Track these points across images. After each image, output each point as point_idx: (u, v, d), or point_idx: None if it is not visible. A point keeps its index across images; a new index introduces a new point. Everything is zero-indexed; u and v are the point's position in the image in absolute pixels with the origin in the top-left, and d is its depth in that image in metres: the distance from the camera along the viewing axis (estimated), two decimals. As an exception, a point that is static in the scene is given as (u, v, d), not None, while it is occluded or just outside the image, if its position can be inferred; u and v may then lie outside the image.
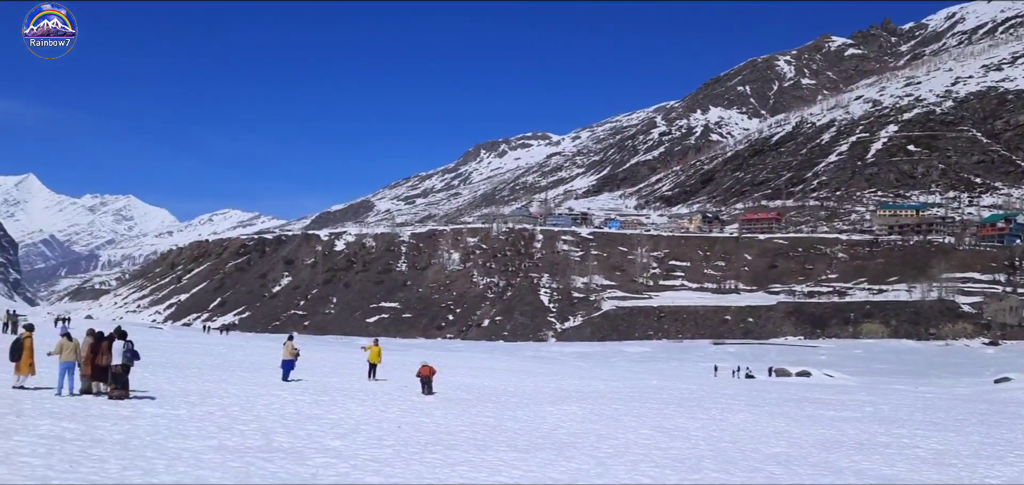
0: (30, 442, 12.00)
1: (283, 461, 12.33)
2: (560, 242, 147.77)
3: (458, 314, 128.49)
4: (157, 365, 29.16)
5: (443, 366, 40.93)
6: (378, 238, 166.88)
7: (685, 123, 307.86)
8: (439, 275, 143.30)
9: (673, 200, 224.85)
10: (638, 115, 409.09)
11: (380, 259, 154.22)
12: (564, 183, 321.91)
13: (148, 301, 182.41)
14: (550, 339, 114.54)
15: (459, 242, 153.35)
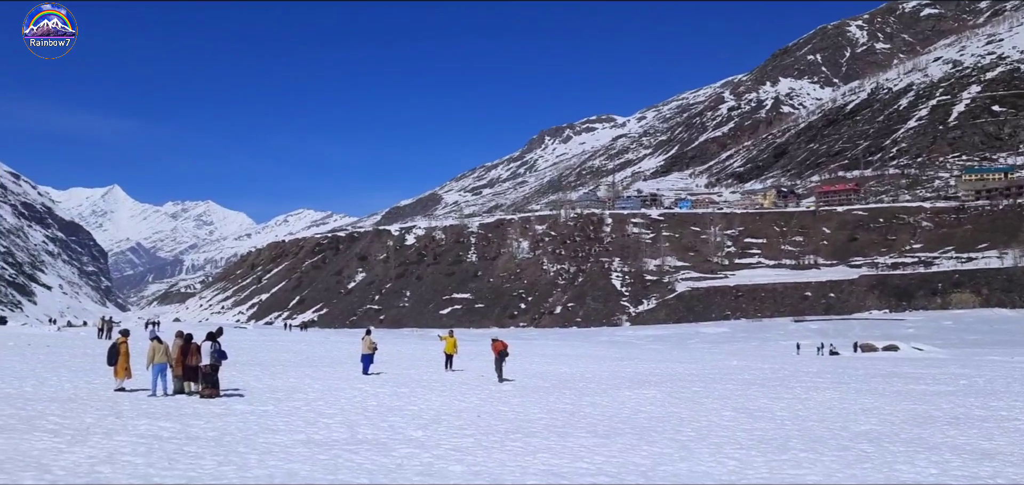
0: (131, 441, 12.56)
1: (368, 452, 12.58)
2: (630, 225, 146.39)
3: (530, 302, 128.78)
4: (243, 364, 30.16)
5: (517, 354, 41.13)
6: (447, 230, 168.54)
7: (754, 96, 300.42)
8: (509, 264, 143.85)
9: (745, 176, 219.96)
10: (705, 91, 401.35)
11: (450, 251, 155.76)
12: (631, 165, 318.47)
13: (231, 302, 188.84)
14: (624, 323, 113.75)
15: (527, 230, 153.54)
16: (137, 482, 9.92)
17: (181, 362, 19.48)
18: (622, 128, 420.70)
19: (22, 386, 20.16)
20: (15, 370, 24.40)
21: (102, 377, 22.20)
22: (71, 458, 11.03)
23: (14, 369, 24.75)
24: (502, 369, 26.33)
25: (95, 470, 10.40)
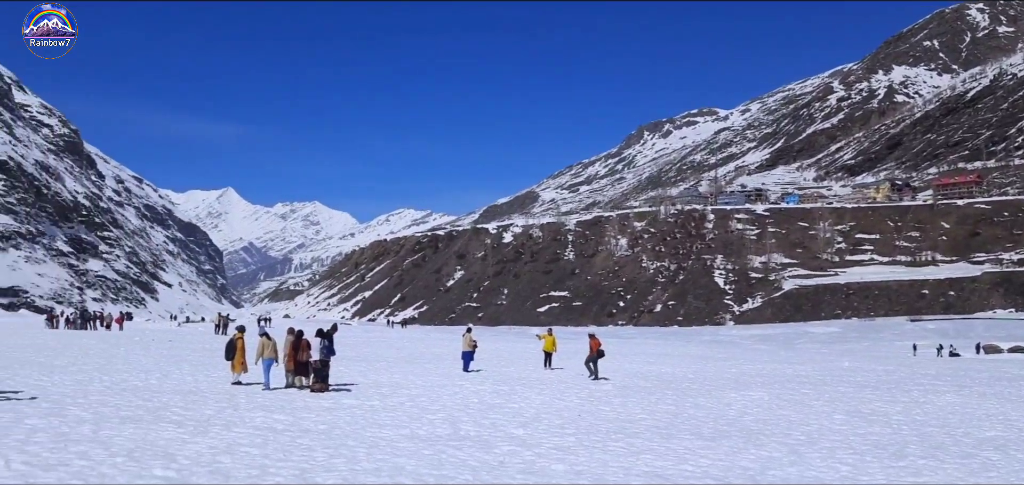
0: (248, 433, 13.16)
1: (471, 449, 12.73)
2: (733, 221, 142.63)
3: (629, 300, 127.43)
4: (350, 359, 31.11)
5: (616, 354, 40.78)
6: (544, 228, 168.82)
7: (866, 86, 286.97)
8: (607, 261, 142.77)
9: (856, 169, 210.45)
10: (812, 82, 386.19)
11: (547, 248, 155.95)
12: (734, 159, 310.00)
13: (336, 299, 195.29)
14: (728, 322, 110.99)
15: (626, 227, 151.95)
16: (255, 473, 10.37)
17: (292, 357, 20.29)
18: (724, 121, 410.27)
19: (148, 379, 21.45)
20: (141, 364, 26.00)
21: (220, 371, 23.37)
22: (194, 448, 11.65)
23: (140, 363, 26.38)
24: (597, 367, 26.20)
25: (216, 460, 10.94)
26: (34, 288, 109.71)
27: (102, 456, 10.76)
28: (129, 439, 12.07)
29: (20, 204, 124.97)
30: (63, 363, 24.92)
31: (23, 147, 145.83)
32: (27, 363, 23.57)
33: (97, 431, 12.65)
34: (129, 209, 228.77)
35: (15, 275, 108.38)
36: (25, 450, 10.82)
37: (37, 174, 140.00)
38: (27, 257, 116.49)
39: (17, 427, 12.61)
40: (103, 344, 36.27)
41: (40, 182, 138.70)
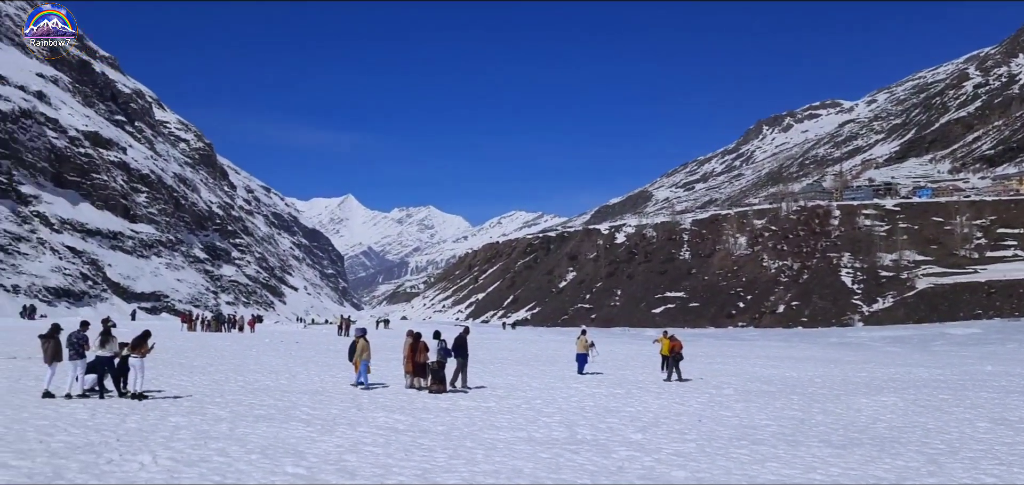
0: (371, 432, 13.57)
1: (589, 453, 12.63)
2: (861, 217, 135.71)
3: (749, 301, 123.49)
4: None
5: (736, 356, 39.59)
6: (658, 227, 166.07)
7: (1005, 71, 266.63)
8: (725, 261, 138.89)
9: (997, 160, 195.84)
10: (945, 68, 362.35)
11: (662, 248, 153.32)
12: (860, 153, 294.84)
13: (451, 301, 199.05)
14: (856, 323, 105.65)
15: (745, 225, 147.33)
16: (379, 472, 10.67)
17: (411, 359, 20.80)
18: (849, 113, 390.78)
19: (278, 379, 22.51)
20: (271, 365, 27.32)
21: (344, 372, 24.24)
22: (322, 447, 12.11)
23: (270, 364, 27.73)
24: (678, 369, 25.56)
25: (342, 458, 11.33)
26: (174, 292, 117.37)
27: (239, 453, 11.36)
28: (263, 437, 12.69)
29: (161, 214, 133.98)
30: (201, 364, 26.50)
31: (163, 161, 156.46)
32: (169, 364, 25.20)
33: (233, 429, 13.36)
34: (258, 217, 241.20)
35: (157, 280, 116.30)
36: (170, 447, 11.56)
37: (176, 186, 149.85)
38: (167, 264, 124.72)
39: (162, 424, 13.50)
40: (236, 345, 38.34)
41: (178, 193, 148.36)
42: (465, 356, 21.33)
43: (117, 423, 13.38)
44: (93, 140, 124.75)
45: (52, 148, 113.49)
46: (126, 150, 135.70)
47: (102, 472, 9.85)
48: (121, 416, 14.12)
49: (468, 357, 21.66)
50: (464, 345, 21.32)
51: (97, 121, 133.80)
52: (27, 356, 24.97)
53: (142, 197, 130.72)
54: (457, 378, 21.09)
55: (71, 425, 12.95)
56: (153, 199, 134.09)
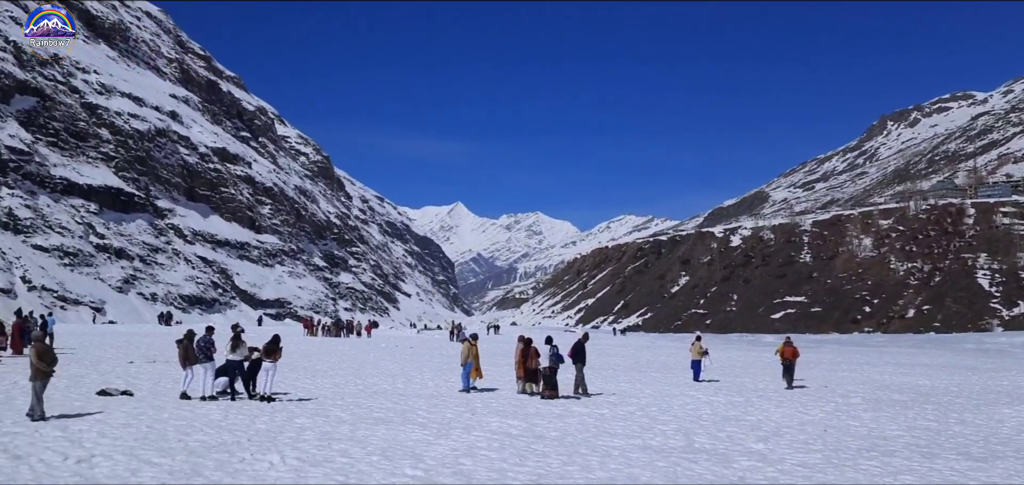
0: (486, 437, 13.67)
1: (707, 462, 12.27)
2: (998, 215, 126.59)
3: (875, 305, 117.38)
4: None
5: (863, 363, 37.65)
6: (776, 229, 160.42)
7: None
8: (849, 263, 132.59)
9: None
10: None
11: (780, 251, 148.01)
12: (996, 146, 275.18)
13: (560, 307, 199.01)
14: (995, 329, 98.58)
15: (869, 226, 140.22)
16: (495, 476, 10.72)
17: (523, 364, 20.87)
18: (983, 105, 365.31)
19: (395, 383, 23.08)
20: (388, 369, 28.06)
21: (457, 376, 24.58)
22: (438, 450, 12.29)
23: (387, 368, 28.48)
24: (791, 376, 24.46)
25: (458, 462, 11.46)
26: (296, 299, 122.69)
27: (360, 454, 11.69)
28: (382, 439, 13.02)
29: (283, 225, 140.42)
30: (323, 368, 27.52)
31: (285, 174, 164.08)
32: (294, 367, 26.28)
33: (354, 431, 13.77)
34: (373, 226, 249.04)
35: (281, 288, 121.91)
36: (297, 447, 12.02)
37: (296, 198, 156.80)
38: (290, 272, 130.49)
39: (289, 426, 14.07)
40: (355, 350, 39.64)
41: (299, 205, 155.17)
42: (583, 362, 21.02)
43: (248, 424, 14.05)
44: (221, 156, 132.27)
45: (185, 164, 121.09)
46: (251, 165, 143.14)
47: (235, 470, 10.34)
48: (251, 417, 14.82)
49: (585, 363, 21.31)
50: (582, 351, 21.01)
51: (224, 138, 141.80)
52: (165, 360, 26.64)
53: (266, 209, 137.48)
54: (578, 384, 20.82)
55: (206, 425, 13.68)
56: (276, 210, 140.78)
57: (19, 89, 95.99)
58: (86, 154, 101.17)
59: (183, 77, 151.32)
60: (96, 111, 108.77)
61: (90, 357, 27.58)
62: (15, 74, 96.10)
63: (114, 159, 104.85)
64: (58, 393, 17.67)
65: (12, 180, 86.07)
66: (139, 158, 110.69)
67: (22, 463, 10.13)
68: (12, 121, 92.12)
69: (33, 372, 13.98)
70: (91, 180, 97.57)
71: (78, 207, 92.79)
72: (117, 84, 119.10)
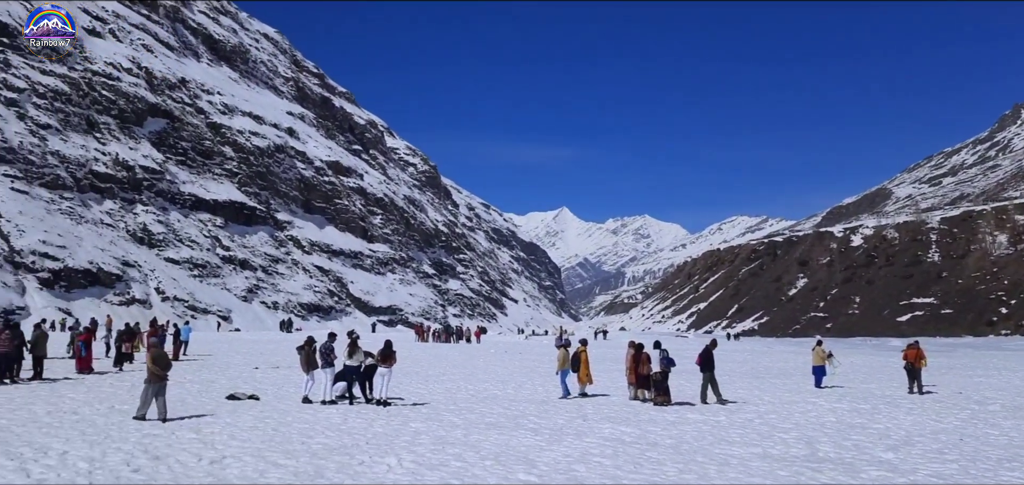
0: (598, 443, 13.53)
1: (833, 472, 11.72)
2: None
3: (1013, 306, 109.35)
4: (690, 373, 30.72)
5: (1001, 367, 35.16)
6: (900, 228, 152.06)
7: None
8: (982, 262, 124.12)
9: None
10: None
11: (905, 251, 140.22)
12: None
13: (670, 311, 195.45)
14: None
15: (1005, 222, 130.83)
16: (608, 482, 10.59)
17: (634, 370, 20.58)
18: None
19: (505, 388, 23.23)
20: (498, 374, 28.30)
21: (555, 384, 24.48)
22: (551, 455, 12.25)
23: (497, 373, 28.72)
24: (918, 381, 22.91)
25: (572, 468, 11.38)
26: (407, 306, 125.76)
27: (474, 459, 11.80)
28: (495, 444, 13.10)
29: (394, 234, 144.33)
30: (435, 373, 28.05)
31: (394, 185, 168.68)
32: (408, 373, 26.90)
33: (467, 435, 13.93)
34: (479, 233, 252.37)
35: (392, 295, 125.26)
36: (413, 450, 12.26)
37: (405, 207, 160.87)
38: (400, 279, 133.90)
39: (404, 429, 14.38)
40: (464, 356, 40.23)
41: (408, 214, 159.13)
42: (712, 369, 20.19)
43: (366, 427, 14.45)
44: (335, 169, 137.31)
45: (301, 178, 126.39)
46: (363, 176, 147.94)
47: (355, 472, 10.64)
48: (368, 421, 15.24)
49: (714, 370, 20.46)
50: (711, 358, 20.20)
51: (338, 151, 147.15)
52: (288, 366, 27.82)
53: (377, 219, 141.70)
54: (706, 393, 20.06)
55: (327, 429, 14.17)
56: (387, 220, 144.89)
57: (151, 112, 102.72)
58: (211, 171, 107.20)
59: (299, 95, 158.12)
60: (220, 130, 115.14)
61: (219, 363, 29.14)
62: (147, 98, 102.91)
63: (237, 175, 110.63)
64: (191, 397, 18.76)
65: (146, 197, 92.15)
66: (260, 173, 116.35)
67: (161, 463, 10.76)
68: (145, 142, 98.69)
69: (149, 375, 15.01)
70: (216, 195, 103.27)
71: (205, 221, 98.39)
72: (239, 104, 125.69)
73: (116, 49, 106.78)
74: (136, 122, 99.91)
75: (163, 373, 15.09)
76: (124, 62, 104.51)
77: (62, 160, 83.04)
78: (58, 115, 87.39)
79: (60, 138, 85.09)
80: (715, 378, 20.27)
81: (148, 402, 14.81)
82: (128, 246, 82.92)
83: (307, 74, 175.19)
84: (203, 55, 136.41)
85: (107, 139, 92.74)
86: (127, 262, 79.02)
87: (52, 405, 16.33)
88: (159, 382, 14.93)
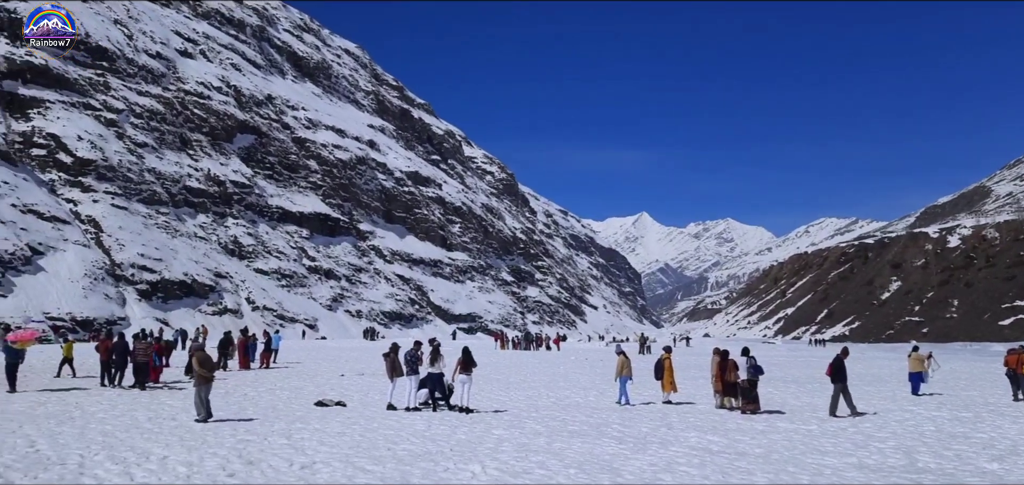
0: (684, 452, 13.25)
1: (933, 483, 11.17)
2: None
3: None
4: (778, 380, 29.90)
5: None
6: (1001, 227, 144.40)
7: None
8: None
9: None
10: None
11: (1007, 251, 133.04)
12: None
13: (756, 317, 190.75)
14: None
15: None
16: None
17: (720, 378, 20.11)
18: None
19: (587, 396, 23.08)
20: (579, 381, 28.13)
21: (650, 389, 24.18)
22: (636, 464, 12.07)
23: (578, 381, 28.57)
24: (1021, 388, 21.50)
25: (657, 477, 11.18)
26: (486, 313, 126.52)
27: (557, 466, 11.72)
28: (578, 452, 12.99)
29: (472, 242, 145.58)
30: (516, 380, 28.10)
31: (472, 193, 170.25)
32: (488, 380, 27.04)
33: (550, 443, 13.86)
34: (557, 239, 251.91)
35: (472, 303, 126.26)
36: (496, 457, 12.28)
37: (484, 215, 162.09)
38: (479, 287, 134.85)
39: (487, 437, 14.42)
40: (544, 363, 40.16)
41: (486, 222, 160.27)
42: (844, 379, 18.83)
43: (449, 434, 14.57)
44: (414, 179, 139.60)
45: (382, 189, 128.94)
46: (441, 186, 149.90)
47: (440, 479, 10.73)
48: (452, 428, 15.36)
49: (847, 380, 19.07)
50: (842, 367, 18.86)
51: (417, 162, 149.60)
52: (372, 373, 28.36)
53: (456, 227, 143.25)
54: (836, 404, 18.69)
55: (411, 435, 14.34)
56: (465, 228, 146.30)
57: (240, 129, 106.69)
58: (297, 184, 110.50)
59: (379, 107, 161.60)
60: (305, 144, 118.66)
61: (307, 371, 29.96)
62: (236, 115, 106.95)
63: (321, 187, 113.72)
64: (281, 403, 19.33)
65: (236, 211, 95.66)
66: (342, 185, 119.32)
67: (254, 468, 11.10)
68: (235, 158, 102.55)
69: (196, 378, 15.89)
70: (302, 208, 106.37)
71: (291, 233, 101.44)
72: (322, 118, 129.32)
73: (207, 69, 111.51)
74: (226, 138, 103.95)
75: (209, 374, 16.01)
76: (214, 81, 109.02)
77: (158, 177, 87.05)
78: (154, 134, 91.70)
79: (156, 156, 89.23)
80: (848, 389, 18.93)
81: (204, 403, 15.70)
82: (220, 258, 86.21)
83: (387, 87, 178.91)
84: (288, 72, 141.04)
85: (199, 155, 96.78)
86: (219, 273, 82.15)
87: (152, 411, 17.09)
88: (206, 384, 15.86)
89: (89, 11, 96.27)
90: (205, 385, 15.79)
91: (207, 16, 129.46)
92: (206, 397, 15.76)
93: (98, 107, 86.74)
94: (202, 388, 15.79)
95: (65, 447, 12.13)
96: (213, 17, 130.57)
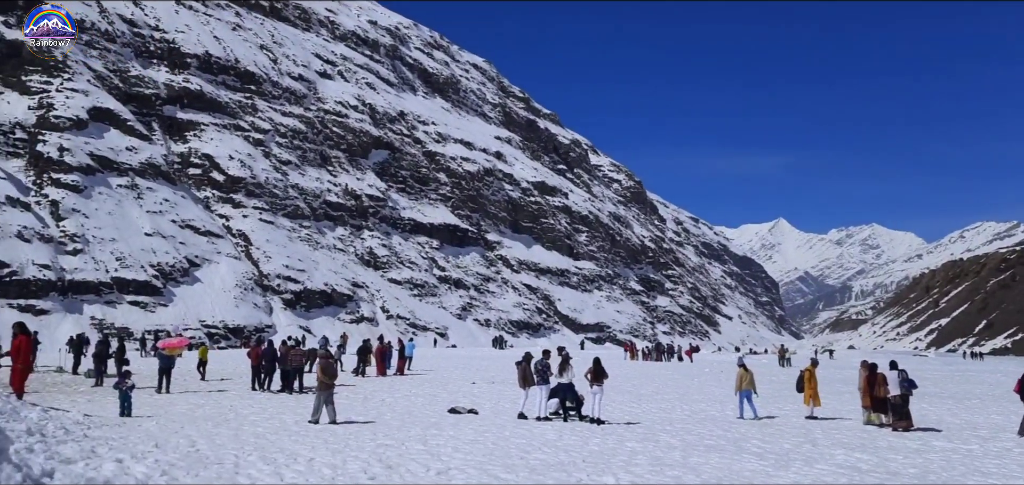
0: (831, 471, 12.52)
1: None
2: None
3: None
4: (932, 395, 27.92)
5: None
6: None
7: None
8: None
9: None
10: None
11: None
12: None
13: (906, 328, 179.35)
14: None
15: None
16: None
17: (867, 392, 18.94)
18: None
19: (723, 409, 22.33)
20: (714, 394, 27.30)
21: (791, 404, 23.12)
22: (779, 483, 11.50)
23: (713, 393, 27.72)
24: None
25: (803, 497, 10.60)
26: (614, 323, 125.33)
27: (693, 482, 11.35)
28: (716, 468, 12.53)
29: (599, 251, 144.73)
30: (648, 392, 27.60)
31: (599, 202, 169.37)
32: (620, 391, 26.69)
33: (686, 457, 13.45)
34: (688, 248, 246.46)
35: (599, 312, 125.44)
36: (630, 470, 12.03)
37: (611, 224, 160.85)
38: (607, 297, 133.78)
39: (620, 449, 14.18)
40: (678, 375, 39.26)
41: (613, 231, 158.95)
42: None
43: (581, 444, 14.44)
44: (540, 189, 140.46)
45: (509, 199, 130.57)
46: (568, 195, 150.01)
47: (573, 491, 10.60)
48: (583, 438, 15.22)
49: None
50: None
51: (543, 172, 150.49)
52: (502, 381, 28.65)
53: (583, 236, 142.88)
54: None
55: (543, 445, 14.31)
56: (592, 237, 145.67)
57: (375, 145, 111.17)
58: (428, 196, 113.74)
59: (505, 119, 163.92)
60: (434, 157, 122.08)
61: (440, 378, 30.65)
62: (371, 132, 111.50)
63: (450, 199, 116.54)
64: (417, 409, 19.84)
65: (371, 223, 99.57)
66: (471, 197, 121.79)
67: (394, 472, 11.39)
68: (370, 172, 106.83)
69: (319, 384, 16.90)
70: (432, 219, 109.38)
71: (423, 244, 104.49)
72: (451, 132, 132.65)
73: (344, 89, 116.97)
74: (362, 154, 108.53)
75: (330, 382, 16.85)
76: (351, 100, 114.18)
77: (301, 192, 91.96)
78: (297, 152, 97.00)
79: (298, 172, 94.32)
80: None
81: (320, 408, 16.61)
82: (357, 268, 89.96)
83: (513, 99, 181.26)
84: (419, 88, 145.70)
85: (338, 171, 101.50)
86: (356, 283, 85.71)
87: (298, 415, 17.93)
88: (327, 390, 16.69)
89: (238, 38, 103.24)
90: (323, 391, 16.65)
91: (344, 38, 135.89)
92: (321, 403, 16.70)
93: (246, 128, 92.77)
94: (321, 394, 16.79)
95: (222, 447, 12.89)
96: (349, 39, 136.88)
